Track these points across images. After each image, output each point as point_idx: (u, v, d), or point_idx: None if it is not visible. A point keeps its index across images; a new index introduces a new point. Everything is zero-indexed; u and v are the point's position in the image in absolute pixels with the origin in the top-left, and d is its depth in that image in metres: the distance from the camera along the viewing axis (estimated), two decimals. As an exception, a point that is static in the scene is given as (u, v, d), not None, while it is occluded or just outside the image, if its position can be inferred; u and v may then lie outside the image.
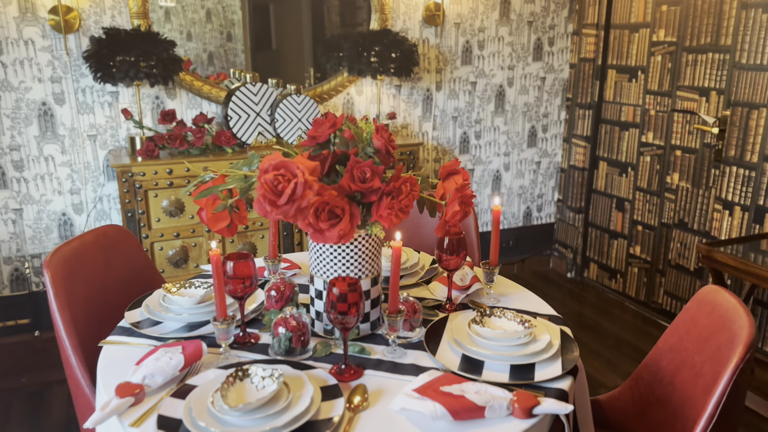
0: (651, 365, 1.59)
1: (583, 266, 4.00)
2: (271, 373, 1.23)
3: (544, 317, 1.60)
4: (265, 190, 1.23)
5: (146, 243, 2.75)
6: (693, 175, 3.15)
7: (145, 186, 2.69)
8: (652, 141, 3.38)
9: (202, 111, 3.08)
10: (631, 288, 3.63)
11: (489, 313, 1.50)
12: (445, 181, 1.57)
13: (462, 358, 1.38)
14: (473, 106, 3.67)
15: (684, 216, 3.23)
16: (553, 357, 1.38)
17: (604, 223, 3.78)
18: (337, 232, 1.34)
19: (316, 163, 1.28)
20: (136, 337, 1.49)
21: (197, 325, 1.53)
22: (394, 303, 1.38)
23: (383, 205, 1.37)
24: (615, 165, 3.66)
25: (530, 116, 3.85)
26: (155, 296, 1.64)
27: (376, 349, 1.44)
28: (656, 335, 3.28)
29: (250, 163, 1.44)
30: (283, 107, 3.00)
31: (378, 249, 1.49)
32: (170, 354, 1.32)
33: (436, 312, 1.62)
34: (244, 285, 1.43)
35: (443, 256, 1.61)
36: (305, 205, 1.24)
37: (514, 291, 1.77)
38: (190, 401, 1.19)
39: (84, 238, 1.76)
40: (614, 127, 3.63)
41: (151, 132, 2.93)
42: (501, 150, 3.83)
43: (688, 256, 3.22)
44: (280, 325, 1.40)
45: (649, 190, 3.44)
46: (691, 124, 3.14)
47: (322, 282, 1.46)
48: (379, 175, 1.38)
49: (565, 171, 4.02)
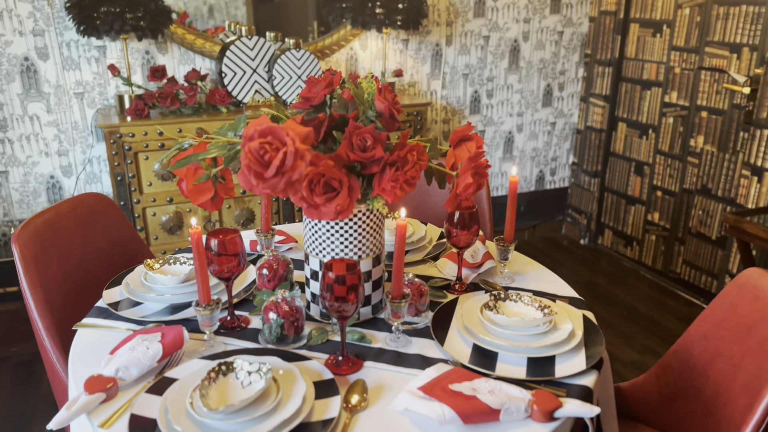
0: (681, 353, 1.44)
1: (598, 233, 3.83)
2: (259, 367, 1.09)
3: (564, 300, 1.45)
4: (249, 160, 1.06)
5: (138, 208, 2.60)
6: (719, 139, 2.95)
7: (135, 148, 2.52)
8: (676, 101, 3.17)
9: (195, 67, 2.89)
10: (647, 256, 3.47)
11: (503, 296, 1.35)
12: (456, 148, 1.40)
13: (473, 349, 1.23)
14: (485, 63, 3.45)
15: (707, 182, 3.04)
16: (576, 348, 1.23)
17: (621, 187, 3.60)
18: (333, 208, 1.18)
19: (309, 129, 1.11)
20: (114, 319, 1.35)
21: (181, 307, 1.39)
22: (398, 287, 1.23)
23: (386, 178, 1.20)
24: (635, 126, 3.45)
25: (546, 73, 3.63)
26: (136, 273, 1.50)
27: (377, 336, 1.29)
28: (673, 306, 3.14)
29: (236, 127, 1.27)
30: (282, 63, 2.80)
31: (380, 225, 1.33)
32: (148, 342, 1.18)
33: (444, 293, 1.48)
34: (230, 265, 1.28)
35: (453, 231, 1.45)
36: (296, 177, 1.08)
37: (530, 269, 1.61)
38: (167, 399, 1.05)
39: (59, 208, 1.61)
40: (635, 85, 3.41)
41: (141, 90, 2.75)
42: (514, 110, 3.62)
43: (711, 225, 3.05)
44: (271, 310, 1.25)
45: (670, 154, 3.25)
46: (720, 83, 2.92)
47: (318, 262, 1.31)
48: (382, 143, 1.21)
49: (582, 132, 3.81)
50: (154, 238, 2.68)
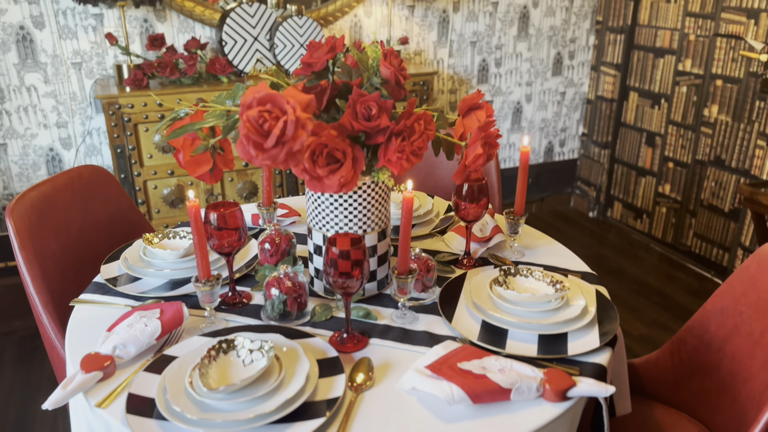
0: (697, 329, 1.40)
1: (607, 205, 3.77)
2: (260, 345, 1.05)
3: (576, 275, 1.40)
4: (248, 129, 1.01)
5: (139, 181, 2.55)
6: (734, 108, 2.87)
7: (134, 119, 2.46)
8: (690, 69, 3.08)
9: (195, 35, 2.81)
10: (657, 229, 3.41)
11: (514, 271, 1.30)
12: (465, 117, 1.34)
13: (482, 326, 1.19)
14: (494, 30, 3.35)
15: (721, 152, 2.97)
16: (589, 325, 1.19)
17: (632, 159, 3.53)
18: (337, 180, 1.13)
19: (311, 97, 1.05)
20: (112, 295, 1.31)
21: (181, 283, 1.35)
22: (405, 262, 1.18)
23: (392, 148, 1.15)
24: (647, 96, 3.36)
25: (556, 41, 3.53)
26: (135, 248, 1.45)
27: (383, 312, 1.25)
28: (683, 279, 3.09)
29: (234, 95, 1.22)
30: (284, 31, 2.72)
31: (386, 198, 1.28)
32: (146, 319, 1.15)
33: (451, 268, 1.43)
34: (231, 239, 1.23)
35: (461, 204, 1.40)
36: (298, 148, 1.02)
37: (540, 243, 1.56)
38: (166, 378, 1.01)
39: (55, 180, 1.57)
40: (648, 53, 3.31)
41: (140, 59, 2.68)
42: (523, 79, 3.53)
43: (723, 196, 2.98)
44: (273, 286, 1.21)
45: (683, 124, 3.17)
46: (736, 50, 2.83)
47: (321, 236, 1.27)
48: (388, 112, 1.15)
49: (592, 102, 3.72)
50: (156, 211, 2.63)
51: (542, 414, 0.98)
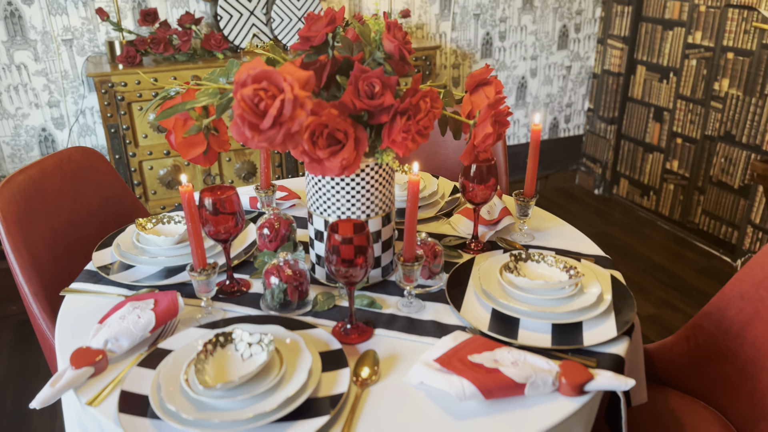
0: (715, 314, 1.34)
1: (613, 182, 3.70)
2: (260, 338, 0.99)
3: (590, 259, 1.34)
4: (242, 109, 0.94)
5: (134, 162, 2.48)
6: (746, 82, 2.78)
7: (128, 98, 2.39)
8: (700, 42, 2.98)
9: (189, 10, 2.71)
10: (665, 206, 3.35)
11: (525, 256, 1.24)
12: (473, 94, 1.27)
13: (492, 314, 1.13)
14: (498, 2, 3.25)
15: (732, 128, 2.89)
16: (605, 313, 1.13)
17: (639, 135, 3.45)
18: (339, 162, 1.06)
19: (310, 73, 0.98)
20: (104, 284, 1.25)
21: (176, 270, 1.29)
22: (411, 249, 1.12)
23: (397, 128, 1.08)
24: (655, 70, 3.27)
25: (562, 13, 3.42)
26: (128, 234, 1.39)
27: (388, 301, 1.20)
28: (691, 258, 3.04)
29: (228, 72, 1.15)
30: (280, 4, 2.63)
31: (390, 181, 1.21)
32: (139, 310, 1.09)
33: (458, 252, 1.37)
34: (227, 225, 1.17)
35: (469, 186, 1.33)
36: (296, 129, 0.96)
37: (551, 225, 1.50)
38: (160, 374, 0.96)
39: (43, 164, 1.50)
40: (656, 26, 3.21)
41: (132, 35, 2.59)
42: (528, 53, 3.44)
43: (733, 173, 2.91)
44: (273, 274, 1.15)
45: (692, 99, 3.08)
46: (749, 21, 2.73)
47: (322, 221, 1.20)
48: (392, 89, 1.08)
49: (598, 77, 3.63)
50: (152, 192, 2.57)
51: (558, 409, 0.93)
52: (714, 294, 2.69)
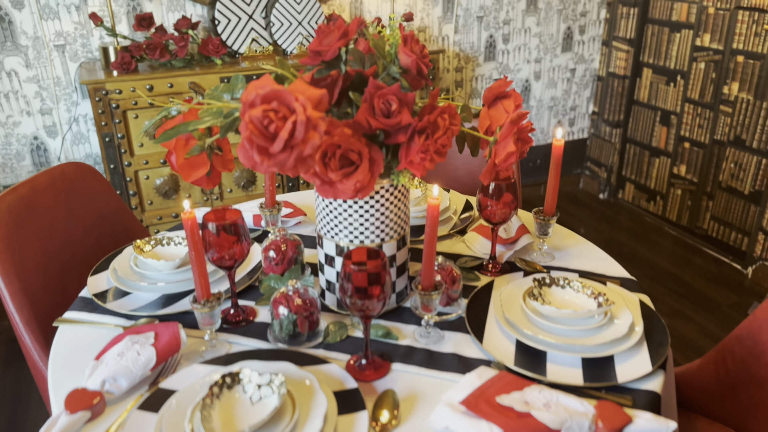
0: (746, 338, 1.27)
1: (618, 187, 3.63)
2: (270, 379, 0.92)
3: (615, 281, 1.27)
4: (251, 132, 0.86)
5: (129, 171, 2.40)
6: (757, 86, 2.72)
7: (123, 105, 2.30)
8: (709, 45, 2.92)
9: (186, 14, 2.63)
10: (672, 211, 3.28)
11: (549, 281, 1.16)
12: (491, 107, 1.19)
13: (517, 346, 1.06)
14: (502, 4, 3.17)
15: (741, 132, 2.83)
16: (637, 345, 1.06)
17: (645, 138, 3.38)
18: (352, 185, 0.99)
19: (323, 92, 0.90)
20: (100, 313, 1.17)
21: (177, 297, 1.21)
22: (429, 277, 1.05)
23: (415, 148, 1.00)
24: (662, 72, 3.20)
25: (566, 15, 3.35)
26: (125, 257, 1.31)
27: (404, 330, 1.12)
28: (700, 265, 2.97)
29: (233, 88, 1.07)
30: (280, 8, 2.55)
31: (405, 202, 1.14)
32: (138, 346, 1.01)
33: (475, 274, 1.30)
34: (232, 251, 1.09)
35: (487, 204, 1.26)
36: (309, 152, 0.88)
37: (570, 243, 1.43)
38: (163, 420, 0.88)
39: (35, 182, 1.42)
40: (663, 28, 3.15)
41: (127, 41, 2.50)
42: (532, 56, 3.36)
43: (743, 178, 2.85)
44: (281, 304, 1.07)
45: (701, 102, 3.02)
46: (759, 24, 2.66)
47: (333, 246, 1.13)
48: (409, 106, 1.01)
49: (603, 79, 3.56)
50: (149, 203, 2.49)
51: (594, 455, 0.86)
52: (725, 303, 2.65)
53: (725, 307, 2.63)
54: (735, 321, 2.52)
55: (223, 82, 2.39)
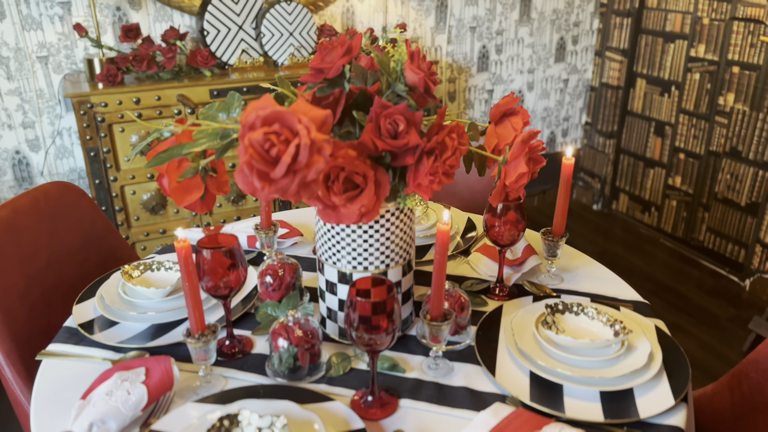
0: (763, 362, 1.23)
1: (612, 198, 3.61)
2: (271, 422, 0.85)
3: (628, 305, 1.22)
4: (251, 156, 0.80)
5: (115, 187, 2.32)
6: (753, 97, 2.70)
7: (109, 119, 2.23)
8: (704, 55, 2.90)
9: (173, 25, 2.56)
10: (667, 223, 3.25)
11: (561, 307, 1.11)
12: (498, 125, 1.14)
13: (531, 378, 1.00)
14: (494, 14, 3.14)
15: (737, 144, 2.81)
16: (657, 376, 1.01)
17: (640, 149, 3.36)
18: (357, 210, 0.93)
19: (327, 113, 0.84)
20: (86, 345, 1.10)
21: (168, 327, 1.14)
22: (439, 306, 0.99)
23: (423, 170, 0.95)
24: (656, 83, 3.18)
25: (559, 25, 3.33)
26: (113, 283, 1.24)
27: (410, 361, 1.06)
28: (697, 277, 2.94)
29: (228, 106, 1.00)
30: (271, 18, 2.49)
31: (410, 225, 1.08)
32: (128, 384, 0.94)
33: (482, 298, 1.24)
34: (227, 280, 1.03)
35: (495, 224, 1.21)
36: (313, 177, 0.82)
37: (579, 264, 1.38)
38: (155, 468, 0.82)
39: (16, 203, 1.34)
40: (657, 38, 3.13)
41: (113, 52, 2.43)
42: (525, 66, 3.33)
43: (740, 189, 2.83)
44: (281, 335, 1.01)
45: (696, 113, 2.99)
46: (755, 35, 2.65)
47: (335, 272, 1.06)
48: (417, 126, 0.95)
49: (596, 90, 3.54)
50: (135, 219, 2.41)
51: (620, 500, 0.80)
52: (724, 316, 2.61)
53: (725, 321, 2.60)
54: (735, 335, 2.49)
55: (212, 94, 2.33)
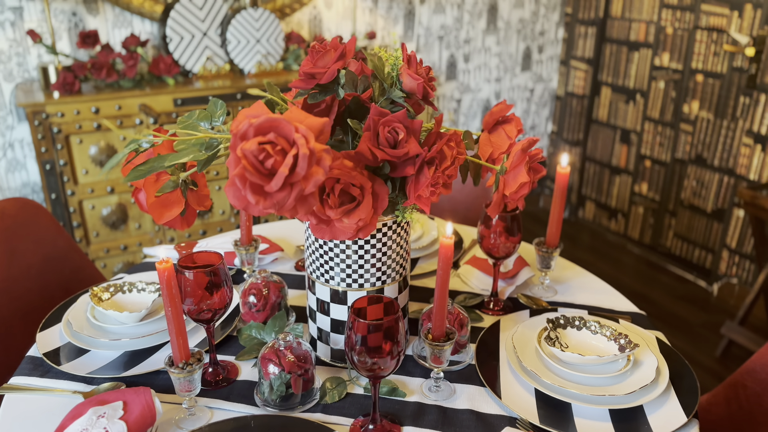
0: (759, 372, 1.21)
1: (578, 205, 3.63)
2: (268, 458, 0.78)
3: (626, 317, 1.19)
4: (245, 168, 0.73)
5: (73, 201, 2.19)
6: (717, 104, 2.75)
7: (66, 130, 2.10)
8: (668, 64, 2.95)
9: (134, 31, 2.45)
10: (634, 229, 3.29)
11: (563, 322, 1.07)
12: (492, 133, 1.10)
13: (537, 397, 0.96)
14: (462, 23, 3.12)
15: (703, 151, 2.85)
16: (666, 391, 0.97)
17: (605, 157, 3.39)
18: (354, 224, 0.87)
19: (324, 121, 0.78)
20: (53, 377, 1.00)
21: (144, 354, 1.05)
22: (441, 325, 0.93)
23: (425, 181, 0.89)
24: (621, 91, 3.22)
25: (525, 34, 3.34)
26: (80, 307, 1.14)
27: (410, 384, 1.00)
28: (666, 283, 2.97)
29: (211, 114, 0.93)
30: (237, 24, 2.41)
31: (406, 239, 1.02)
32: (106, 419, 0.86)
33: (477, 313, 1.19)
34: (211, 303, 0.95)
35: (490, 237, 1.16)
36: (311, 190, 0.76)
37: (571, 275, 1.34)
38: None
39: (-31, 221, 1.23)
40: (621, 47, 3.17)
41: (70, 59, 2.31)
42: (492, 75, 3.33)
43: (706, 196, 2.87)
44: (271, 361, 0.93)
45: (661, 121, 3.04)
46: (718, 44, 2.70)
47: (327, 291, 1.00)
48: (416, 135, 0.90)
49: (562, 99, 3.56)
50: (95, 234, 2.28)
51: None
52: (695, 321, 2.64)
53: (696, 326, 2.62)
54: (708, 341, 2.51)
55: (176, 103, 2.23)
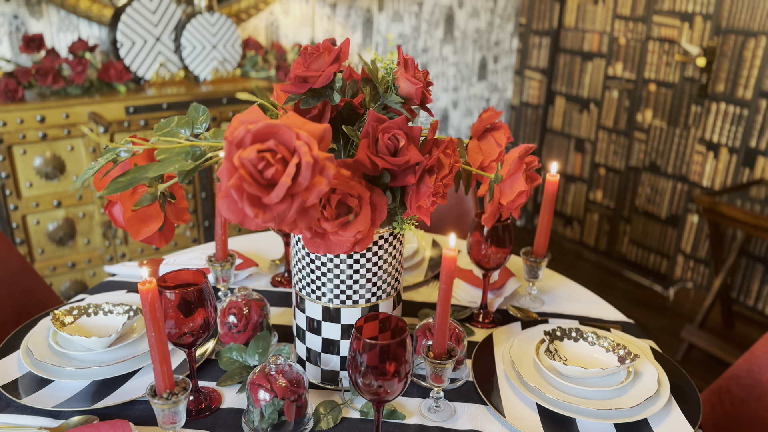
0: (744, 377, 1.22)
1: (534, 213, 3.66)
2: (270, 495, 0.71)
3: (616, 326, 1.17)
4: (242, 179, 0.67)
5: (16, 216, 2.04)
6: (669, 113, 2.83)
7: (8, 140, 1.96)
8: (621, 74, 3.01)
9: (81, 36, 2.32)
10: (590, 236, 3.34)
11: (559, 334, 1.04)
12: (481, 140, 1.06)
13: (540, 413, 0.92)
14: (420, 32, 3.11)
15: (656, 158, 2.92)
16: (668, 403, 0.95)
17: (560, 166, 3.43)
18: (351, 237, 0.82)
19: (325, 127, 0.73)
20: (13, 411, 0.90)
21: (115, 383, 0.96)
22: (442, 342, 0.89)
23: (426, 190, 0.85)
24: (575, 101, 3.27)
25: (481, 44, 3.35)
26: (41, 333, 1.04)
27: (408, 405, 0.95)
28: (622, 288, 3.02)
29: (193, 121, 0.86)
30: (191, 29, 2.31)
31: (401, 251, 0.97)
32: (77, 460, 0.76)
33: (468, 327, 1.15)
34: (194, 327, 0.87)
35: (480, 247, 1.12)
36: (313, 201, 0.70)
37: (555, 284, 1.32)
38: None
39: None
40: (575, 57, 3.22)
41: (11, 65, 2.16)
42: (450, 84, 3.32)
43: (660, 202, 2.94)
44: (262, 387, 0.86)
45: (615, 129, 3.10)
46: (670, 54, 2.78)
47: (318, 308, 0.94)
48: (416, 142, 0.85)
49: (516, 108, 3.59)
50: (39, 251, 2.13)
51: None
52: (655, 326, 2.68)
53: (655, 331, 2.67)
54: (670, 345, 2.56)
55: (128, 111, 2.11)
